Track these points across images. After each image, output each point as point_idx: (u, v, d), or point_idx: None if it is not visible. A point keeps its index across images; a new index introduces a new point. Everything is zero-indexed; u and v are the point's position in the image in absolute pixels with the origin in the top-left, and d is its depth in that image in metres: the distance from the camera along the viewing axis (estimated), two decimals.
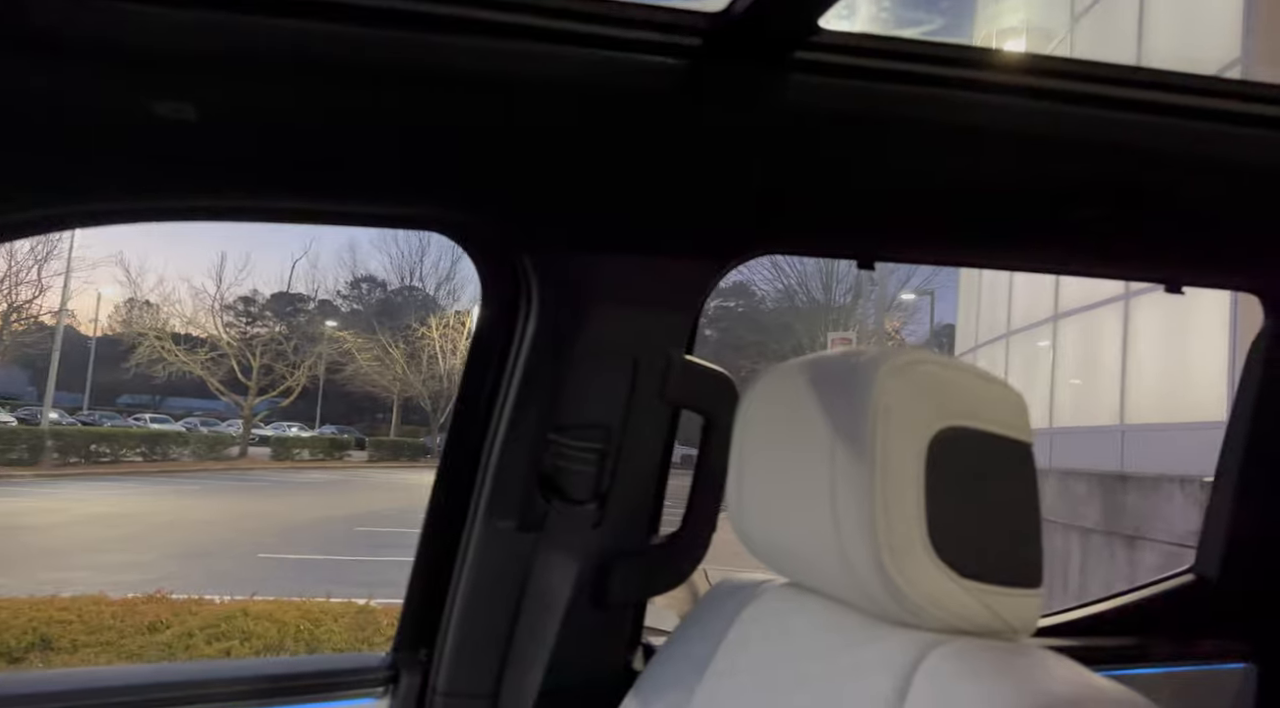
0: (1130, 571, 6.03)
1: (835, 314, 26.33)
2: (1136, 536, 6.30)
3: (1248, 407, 1.46)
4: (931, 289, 25.05)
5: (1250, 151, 1.12)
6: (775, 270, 26.43)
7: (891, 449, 0.77)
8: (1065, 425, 9.25)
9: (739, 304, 30.09)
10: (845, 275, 26.83)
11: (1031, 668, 0.73)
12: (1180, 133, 1.09)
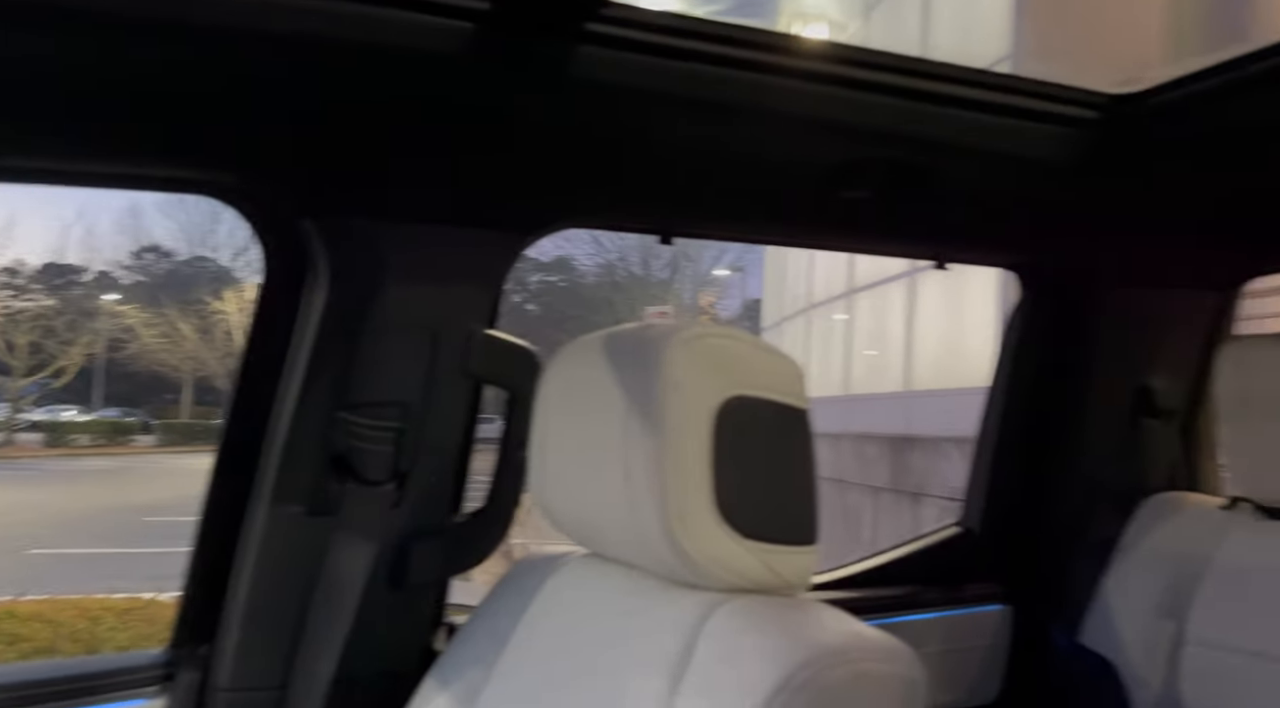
0: (914, 523, 6.58)
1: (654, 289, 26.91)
2: (920, 492, 6.88)
3: (1005, 373, 1.62)
4: (743, 265, 26.10)
5: (1009, 140, 1.23)
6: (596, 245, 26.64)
7: (680, 420, 0.80)
8: (860, 392, 9.94)
9: (561, 279, 30.12)
10: (663, 251, 27.40)
11: (805, 620, 0.78)
12: (948, 120, 1.18)
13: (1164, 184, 1.30)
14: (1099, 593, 1.50)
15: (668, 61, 1.02)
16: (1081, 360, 1.58)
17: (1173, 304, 1.59)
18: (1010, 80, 1.20)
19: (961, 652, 1.53)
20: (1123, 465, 1.61)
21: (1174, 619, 1.39)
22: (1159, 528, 1.48)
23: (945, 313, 8.02)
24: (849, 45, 1.13)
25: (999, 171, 1.27)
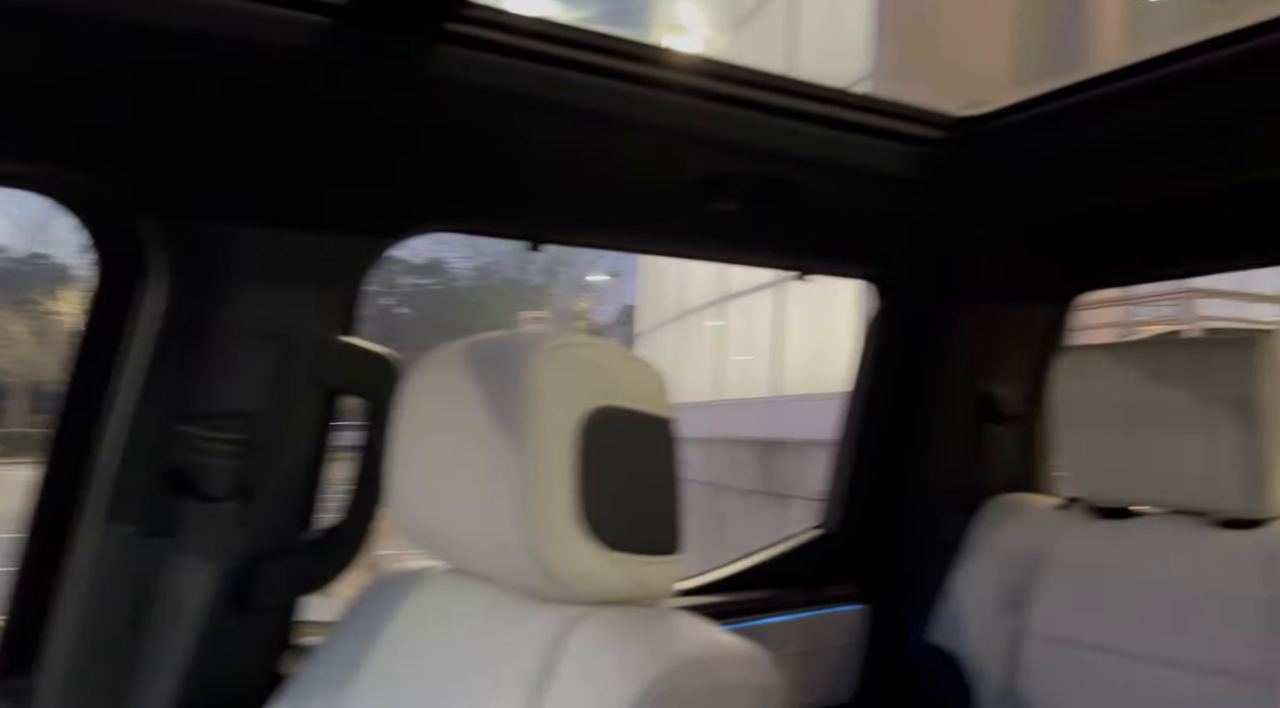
0: (781, 524, 6.79)
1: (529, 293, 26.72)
2: (787, 494, 7.10)
3: (862, 381, 1.68)
4: (619, 271, 26.28)
5: (864, 157, 1.27)
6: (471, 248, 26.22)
7: (543, 431, 0.78)
8: (732, 398, 10.17)
9: (434, 282, 29.47)
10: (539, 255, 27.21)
11: (666, 631, 0.78)
12: (809, 136, 1.22)
13: (1004, 202, 1.38)
14: (948, 591, 1.58)
15: (534, 65, 1.01)
16: (931, 368, 1.66)
17: (1013, 316, 1.69)
18: (866, 100, 1.25)
19: (821, 652, 1.58)
20: (969, 469, 1.70)
21: (1015, 615, 1.47)
22: (1001, 528, 1.57)
23: (812, 320, 8.30)
24: (718, 60, 1.14)
25: (855, 187, 1.32)
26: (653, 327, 13.86)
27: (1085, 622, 1.39)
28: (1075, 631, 1.39)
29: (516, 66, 0.98)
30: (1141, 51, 1.03)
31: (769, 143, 1.20)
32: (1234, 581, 1.26)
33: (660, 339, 13.47)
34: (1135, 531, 1.41)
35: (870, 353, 1.67)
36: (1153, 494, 1.41)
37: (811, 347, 8.31)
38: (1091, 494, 1.48)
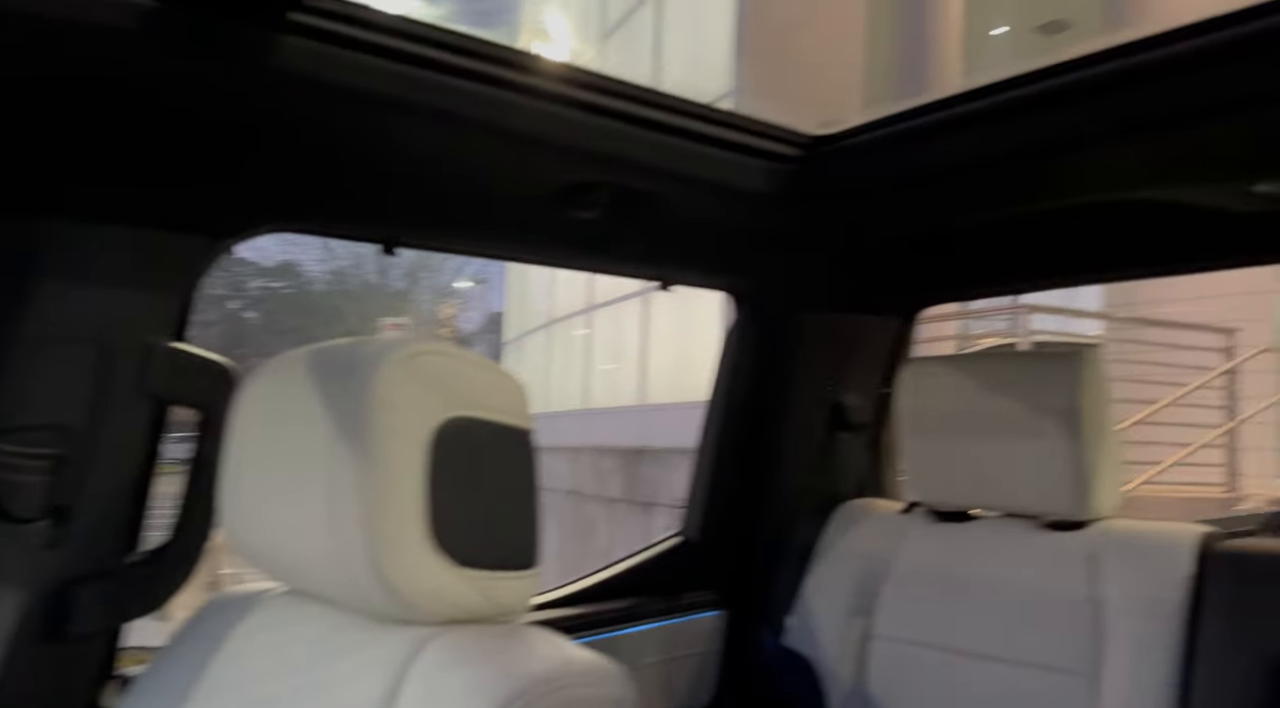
0: (646, 532, 6.85)
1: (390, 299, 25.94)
2: (652, 502, 7.17)
3: (721, 390, 1.71)
4: (486, 278, 25.90)
5: (722, 171, 1.29)
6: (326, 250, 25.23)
7: (392, 443, 0.75)
8: (599, 407, 10.19)
9: (286, 285, 28.16)
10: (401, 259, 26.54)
11: (517, 649, 0.76)
12: (670, 148, 1.23)
13: (854, 218, 1.44)
14: (800, 596, 1.62)
15: (387, 63, 0.97)
16: (786, 378, 1.71)
17: (862, 328, 1.77)
18: (727, 116, 1.27)
19: (679, 660, 1.59)
20: (821, 475, 1.76)
21: (863, 617, 1.52)
22: (849, 533, 1.63)
23: (678, 330, 8.44)
24: (582, 68, 1.13)
25: (715, 200, 1.34)
26: (521, 335, 13.74)
27: (926, 622, 1.45)
28: (917, 631, 1.46)
29: (368, 63, 0.94)
30: (977, 78, 1.09)
31: (631, 153, 1.20)
32: (1060, 580, 1.34)
33: (528, 348, 13.36)
34: (972, 533, 1.49)
35: (728, 363, 1.70)
36: (988, 498, 1.50)
37: (677, 355, 8.44)
38: (932, 499, 1.56)
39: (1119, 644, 1.26)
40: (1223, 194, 1.15)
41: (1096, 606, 1.29)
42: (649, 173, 1.25)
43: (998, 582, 1.40)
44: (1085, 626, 1.29)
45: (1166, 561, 1.27)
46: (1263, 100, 0.90)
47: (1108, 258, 1.52)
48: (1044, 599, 1.34)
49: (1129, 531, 1.34)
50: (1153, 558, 1.28)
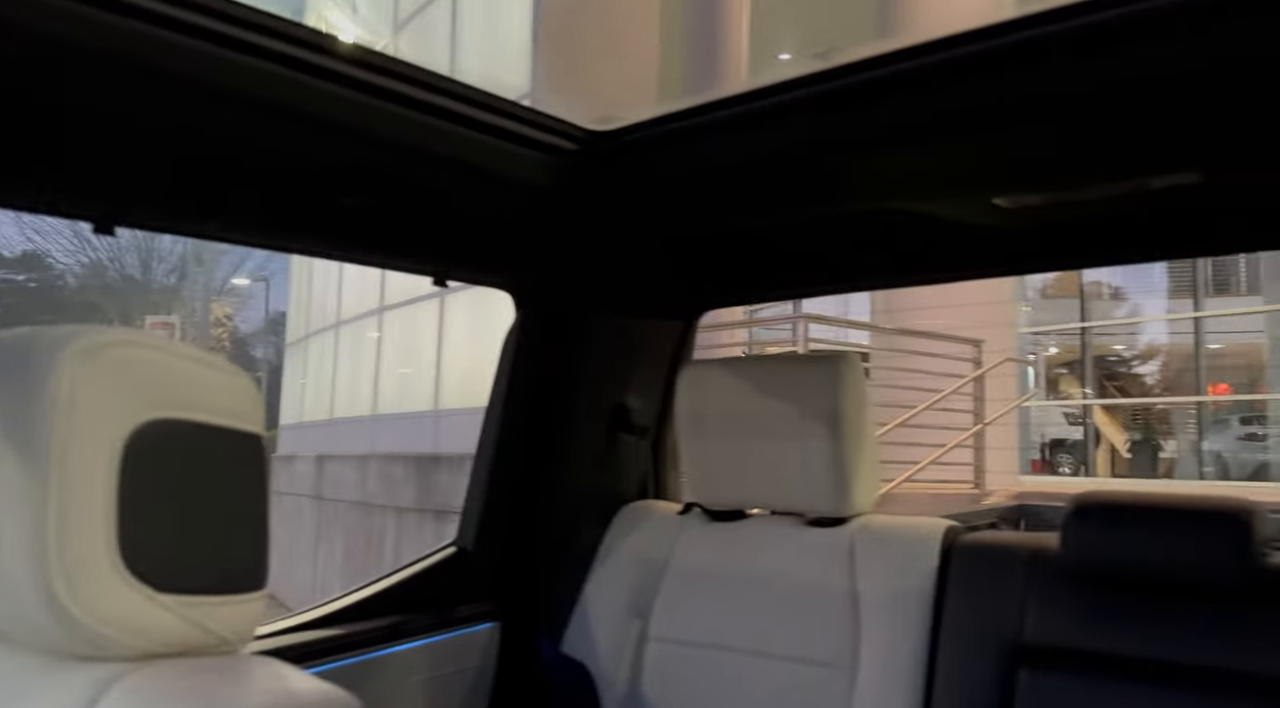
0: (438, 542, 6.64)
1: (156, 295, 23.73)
2: (446, 510, 6.96)
3: (501, 392, 1.65)
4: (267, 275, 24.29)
5: (500, 162, 1.23)
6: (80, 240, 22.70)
7: (74, 449, 0.63)
8: (390, 412, 9.79)
9: (30, 277, 25.05)
10: (170, 253, 24.42)
11: (224, 685, 0.66)
12: (446, 135, 1.15)
13: (634, 217, 1.42)
14: (581, 602, 1.59)
15: (104, 14, 0.83)
16: (568, 380, 1.67)
17: (645, 330, 1.76)
18: (504, 104, 1.21)
19: (451, 676, 1.51)
20: (604, 478, 1.73)
21: (639, 619, 1.51)
22: (630, 535, 1.62)
23: (475, 332, 8.26)
24: (347, 41, 1.04)
25: (491, 192, 1.28)
26: (305, 336, 12.96)
27: (698, 622, 1.46)
28: (689, 631, 1.46)
29: (103, 20, 0.80)
30: (754, 81, 1.10)
31: (402, 136, 1.11)
32: (822, 575, 1.39)
33: (314, 350, 12.64)
34: (743, 532, 1.52)
35: (507, 364, 1.64)
36: (758, 497, 1.53)
37: (474, 359, 8.26)
38: (708, 499, 1.57)
39: (873, 636, 1.31)
40: (969, 207, 1.23)
41: (854, 599, 1.35)
42: (420, 158, 1.17)
43: (765, 579, 1.43)
44: (845, 619, 1.34)
45: (915, 554, 1.34)
46: (1000, 116, 0.96)
47: (874, 266, 1.60)
48: (808, 594, 1.38)
49: (883, 526, 1.41)
50: (903, 552, 1.35)
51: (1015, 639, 1.22)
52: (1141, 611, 1.16)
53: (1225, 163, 1.03)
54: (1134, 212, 1.20)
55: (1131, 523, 1.17)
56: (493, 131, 1.19)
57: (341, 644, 1.31)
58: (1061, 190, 1.14)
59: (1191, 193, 1.09)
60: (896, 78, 0.97)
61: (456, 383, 8.51)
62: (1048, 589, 1.23)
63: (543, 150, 1.24)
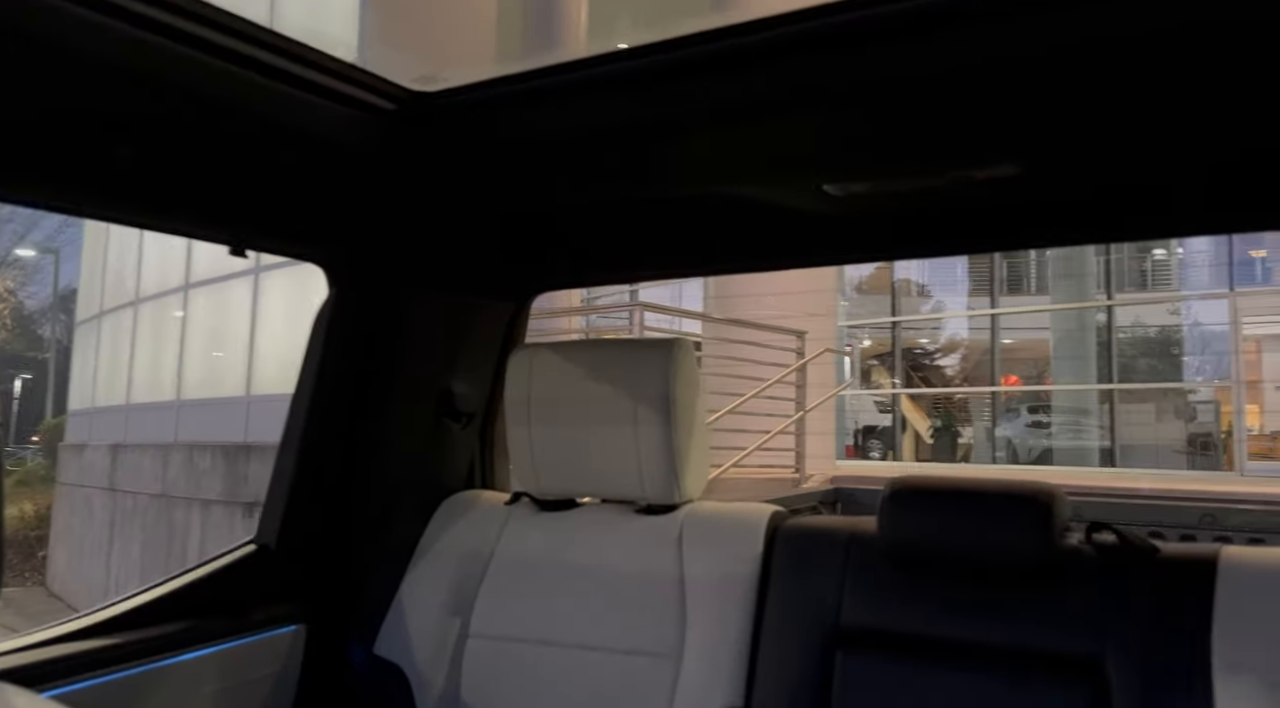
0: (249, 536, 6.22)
1: None
2: (257, 502, 6.53)
3: (311, 375, 1.51)
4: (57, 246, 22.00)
5: (308, 118, 1.12)
6: None
7: None
8: (196, 397, 9.08)
9: None
10: None
11: None
12: (249, 87, 1.03)
13: (457, 189, 1.33)
14: (396, 600, 1.49)
15: None
16: (387, 363, 1.56)
17: (473, 311, 1.67)
18: (315, 56, 1.10)
19: (249, 684, 1.37)
20: (425, 468, 1.63)
21: (459, 616, 1.43)
22: (452, 528, 1.53)
23: (291, 313, 7.78)
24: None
25: (299, 152, 1.16)
26: (99, 314, 11.82)
27: (522, 617, 1.40)
28: (512, 627, 1.40)
29: None
30: (582, 50, 1.04)
31: (193, 84, 0.98)
32: (652, 564, 1.36)
33: (110, 329, 11.55)
34: (572, 521, 1.47)
35: (319, 345, 1.51)
36: (588, 485, 1.48)
37: (292, 342, 7.78)
38: (537, 488, 1.51)
39: (698, 624, 1.29)
40: (800, 193, 1.22)
41: (681, 587, 1.32)
42: (214, 109, 1.04)
43: (593, 570, 1.39)
44: (672, 608, 1.32)
45: (741, 540, 1.33)
46: (824, 99, 0.94)
47: (706, 252, 1.58)
48: (635, 584, 1.35)
49: (711, 512, 1.40)
50: (730, 539, 1.34)
51: (834, 622, 1.24)
52: (952, 592, 1.20)
53: (1042, 157, 1.06)
54: (958, 204, 1.23)
55: (942, 507, 1.21)
56: (301, 84, 1.08)
57: (112, 656, 1.16)
58: (887, 178, 1.15)
59: (1012, 186, 1.13)
60: (727, 54, 0.94)
61: (273, 367, 7.99)
62: (866, 573, 1.26)
63: (358, 108, 1.13)
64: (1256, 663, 0.98)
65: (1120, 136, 1.01)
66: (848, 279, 16.18)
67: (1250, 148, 1.05)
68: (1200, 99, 0.91)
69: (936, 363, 17.39)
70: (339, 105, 1.13)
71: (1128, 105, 0.93)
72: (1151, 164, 1.09)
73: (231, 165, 1.16)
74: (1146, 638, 1.07)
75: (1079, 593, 1.13)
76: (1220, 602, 1.03)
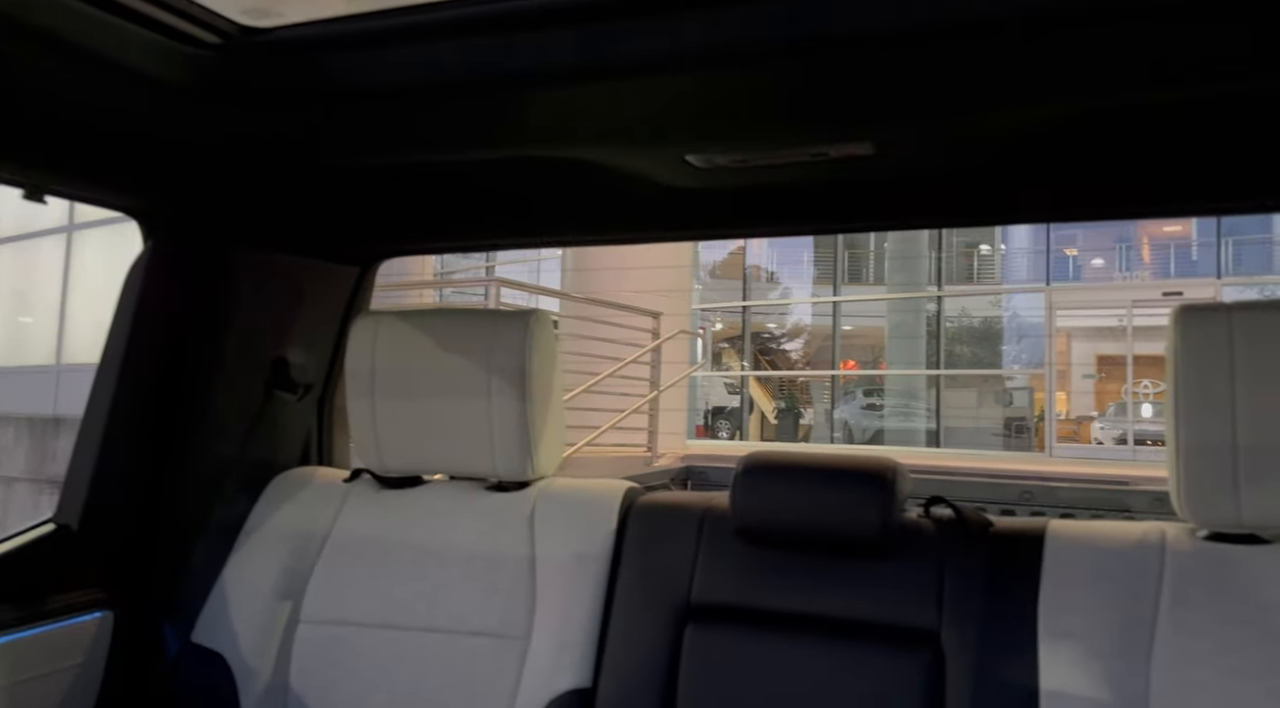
0: None
1: None
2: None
3: (122, 339, 1.36)
4: None
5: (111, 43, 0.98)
6: None
7: None
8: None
9: None
10: None
11: None
12: (45, 6, 0.89)
13: (290, 139, 1.21)
14: (219, 584, 1.37)
15: None
16: (213, 328, 1.42)
17: (312, 274, 1.56)
18: None
19: (48, 677, 1.23)
20: (254, 443, 1.51)
21: (289, 600, 1.33)
22: (284, 507, 1.42)
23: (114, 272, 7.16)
24: None
25: (106, 84, 1.02)
26: None
27: (360, 599, 1.32)
28: (349, 610, 1.31)
29: None
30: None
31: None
32: (500, 542, 1.31)
33: None
34: (418, 500, 1.39)
35: (130, 305, 1.36)
36: (437, 462, 1.41)
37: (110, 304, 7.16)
38: (379, 464, 1.42)
39: (547, 604, 1.26)
40: (663, 162, 1.19)
41: (532, 566, 1.28)
42: (7, 29, 0.90)
43: (439, 549, 1.33)
44: (522, 588, 1.27)
45: (595, 517, 1.30)
46: (693, 62, 0.91)
47: (565, 221, 1.52)
48: (484, 564, 1.30)
49: (565, 489, 1.36)
50: (583, 516, 1.31)
51: (685, 598, 1.23)
52: (800, 565, 1.21)
53: (894, 136, 1.07)
54: (817, 180, 1.23)
55: (791, 482, 1.22)
56: (109, 7, 0.94)
57: None
58: (747, 151, 1.13)
59: (867, 164, 1.14)
60: (591, 8, 0.89)
61: (86, 333, 7.33)
62: (718, 548, 1.25)
63: (177, 39, 1.01)
64: (1078, 630, 1.04)
65: (966, 120, 1.04)
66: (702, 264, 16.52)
67: (1088, 141, 1.10)
68: (1039, 85, 0.94)
69: (783, 347, 18.05)
70: (154, 34, 1.00)
71: (973, 88, 0.95)
72: (998, 150, 1.13)
73: (26, 96, 1.02)
74: (979, 610, 1.11)
75: (917, 566, 1.17)
76: (1047, 573, 1.08)
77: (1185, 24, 0.80)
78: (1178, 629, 1.01)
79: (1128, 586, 1.05)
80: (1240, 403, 1.02)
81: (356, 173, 1.38)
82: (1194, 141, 1.09)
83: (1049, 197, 1.23)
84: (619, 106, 1.02)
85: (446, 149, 1.18)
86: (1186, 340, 1.05)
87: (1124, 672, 1.01)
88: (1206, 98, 0.96)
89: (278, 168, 1.31)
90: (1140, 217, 1.32)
